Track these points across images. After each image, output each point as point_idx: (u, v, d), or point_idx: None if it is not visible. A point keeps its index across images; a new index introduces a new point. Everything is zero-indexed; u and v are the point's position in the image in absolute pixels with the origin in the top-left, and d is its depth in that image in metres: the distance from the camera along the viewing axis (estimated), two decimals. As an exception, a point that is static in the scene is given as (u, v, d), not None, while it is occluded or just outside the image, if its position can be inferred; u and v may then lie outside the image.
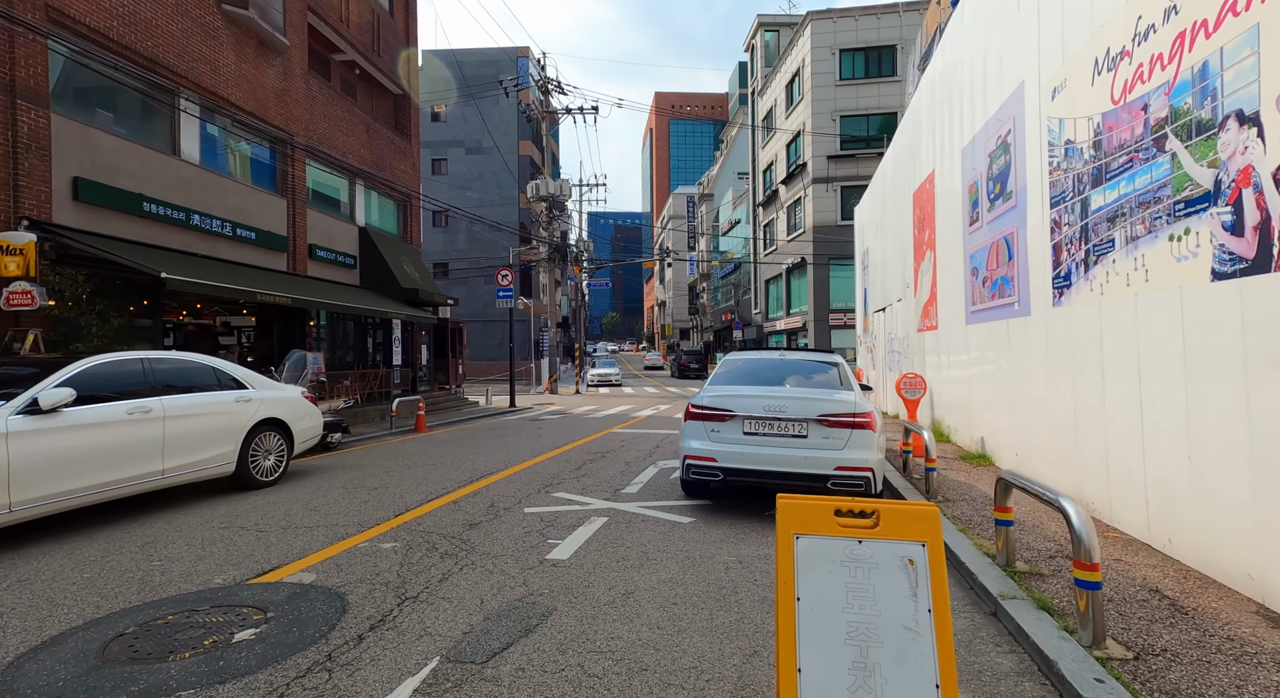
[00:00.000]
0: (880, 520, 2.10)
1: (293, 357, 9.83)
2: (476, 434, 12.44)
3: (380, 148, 18.38)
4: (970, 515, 5.35)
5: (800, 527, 2.13)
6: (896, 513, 2.10)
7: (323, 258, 15.63)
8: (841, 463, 5.26)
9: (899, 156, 13.38)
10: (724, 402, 5.67)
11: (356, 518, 5.60)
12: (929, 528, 2.06)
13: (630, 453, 9.52)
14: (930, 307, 10.84)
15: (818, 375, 6.25)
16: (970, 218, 8.35)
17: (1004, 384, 7.25)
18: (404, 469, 8.19)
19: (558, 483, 7.20)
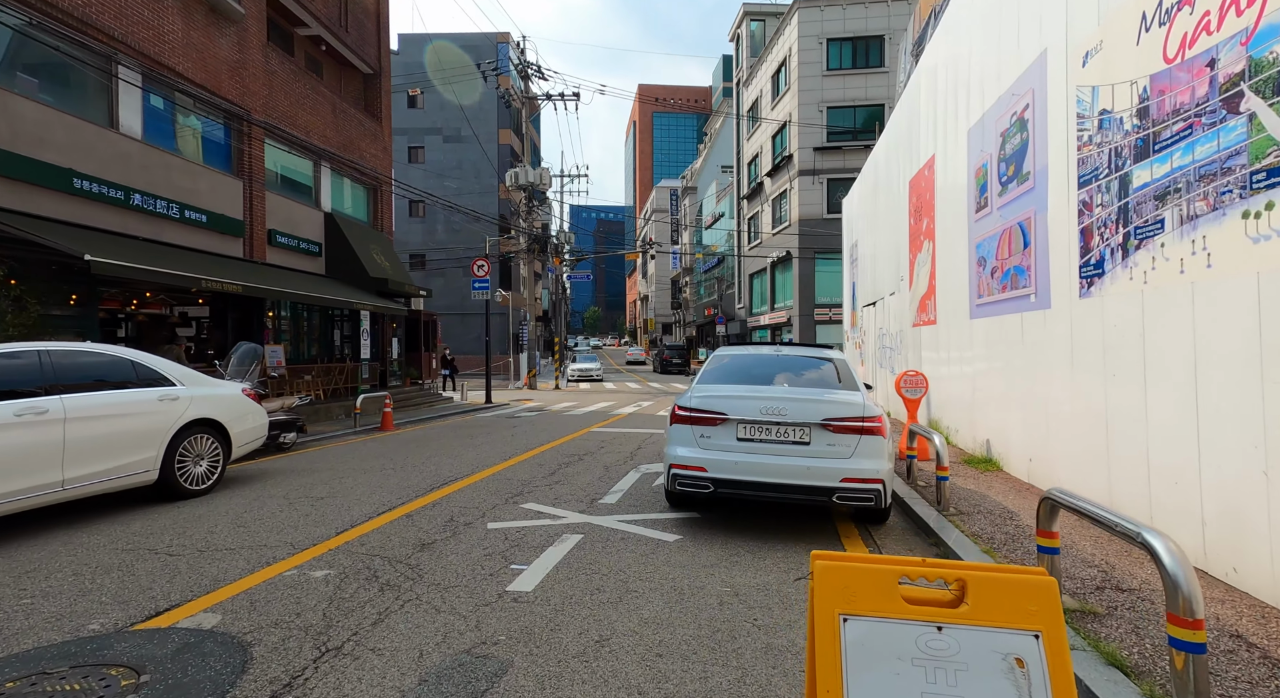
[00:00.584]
0: (968, 594, 1.43)
1: (240, 349, 8.97)
2: (446, 433, 11.65)
3: (348, 129, 17.39)
4: (991, 533, 4.74)
5: (848, 603, 1.45)
6: (991, 585, 1.43)
7: (284, 245, 14.66)
8: (849, 474, 4.61)
9: (893, 143, 12.80)
10: (715, 403, 4.99)
11: (291, 537, 4.83)
12: (1044, 607, 1.40)
13: (610, 455, 8.82)
14: (928, 300, 10.28)
15: (817, 373, 5.60)
16: (977, 204, 7.76)
17: (1016, 383, 6.67)
18: (359, 474, 7.40)
19: (528, 491, 6.48)
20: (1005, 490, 6.16)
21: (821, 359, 5.85)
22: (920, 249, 10.67)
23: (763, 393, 5.02)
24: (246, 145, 13.49)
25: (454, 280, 43.27)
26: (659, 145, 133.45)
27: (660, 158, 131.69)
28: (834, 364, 5.73)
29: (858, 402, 4.84)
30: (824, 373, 5.60)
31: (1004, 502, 5.72)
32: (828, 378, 5.50)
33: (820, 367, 5.71)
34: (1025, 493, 6.04)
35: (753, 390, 5.13)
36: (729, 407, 4.93)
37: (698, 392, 5.21)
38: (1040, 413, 6.11)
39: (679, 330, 68.81)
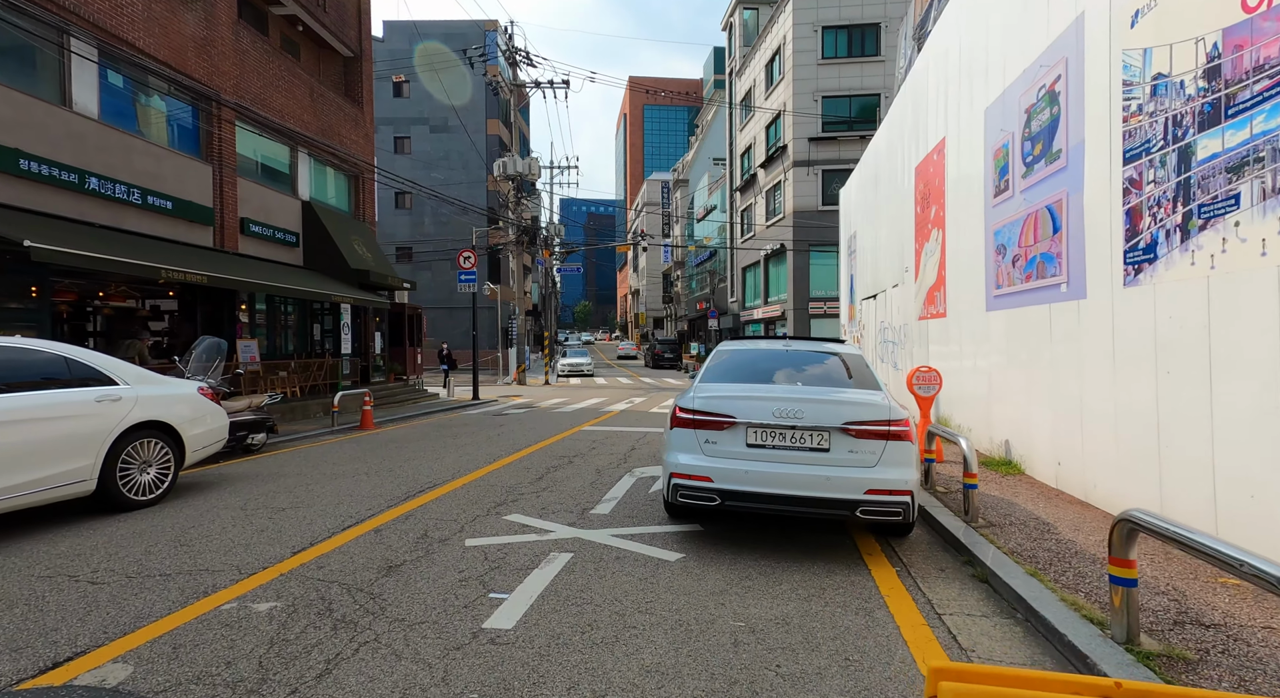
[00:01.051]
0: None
1: (201, 343, 8.31)
2: (429, 433, 11.04)
3: (327, 114, 16.63)
4: (1032, 550, 4.22)
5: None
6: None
7: (257, 234, 13.94)
8: (874, 485, 4.07)
9: (896, 129, 12.27)
10: (721, 405, 4.43)
11: (240, 558, 4.23)
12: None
13: (602, 457, 8.26)
14: (936, 292, 9.77)
15: (832, 370, 5.06)
16: (996, 188, 7.24)
17: (1042, 380, 6.17)
18: (329, 480, 6.79)
19: (513, 500, 5.91)
20: (1033, 497, 5.65)
21: (835, 354, 5.30)
22: (928, 238, 10.16)
23: (775, 393, 4.47)
24: (216, 128, 12.75)
25: (441, 273, 42.46)
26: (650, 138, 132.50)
27: (651, 151, 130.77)
28: (849, 360, 5.19)
29: (882, 403, 4.30)
30: (839, 370, 5.06)
31: (1035, 511, 5.21)
32: (843, 375, 4.96)
33: (834, 363, 5.17)
34: (1056, 501, 5.54)
35: (763, 390, 4.58)
36: (737, 409, 4.37)
37: (701, 391, 4.65)
38: (1072, 413, 5.60)
39: (670, 325, 68.29)
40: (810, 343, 5.63)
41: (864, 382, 4.84)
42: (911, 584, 3.89)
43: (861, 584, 3.86)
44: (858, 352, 5.41)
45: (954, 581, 3.94)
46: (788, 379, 4.92)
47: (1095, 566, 3.88)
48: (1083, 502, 5.44)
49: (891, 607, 3.52)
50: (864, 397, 4.41)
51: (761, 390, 4.58)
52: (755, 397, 4.43)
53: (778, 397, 4.38)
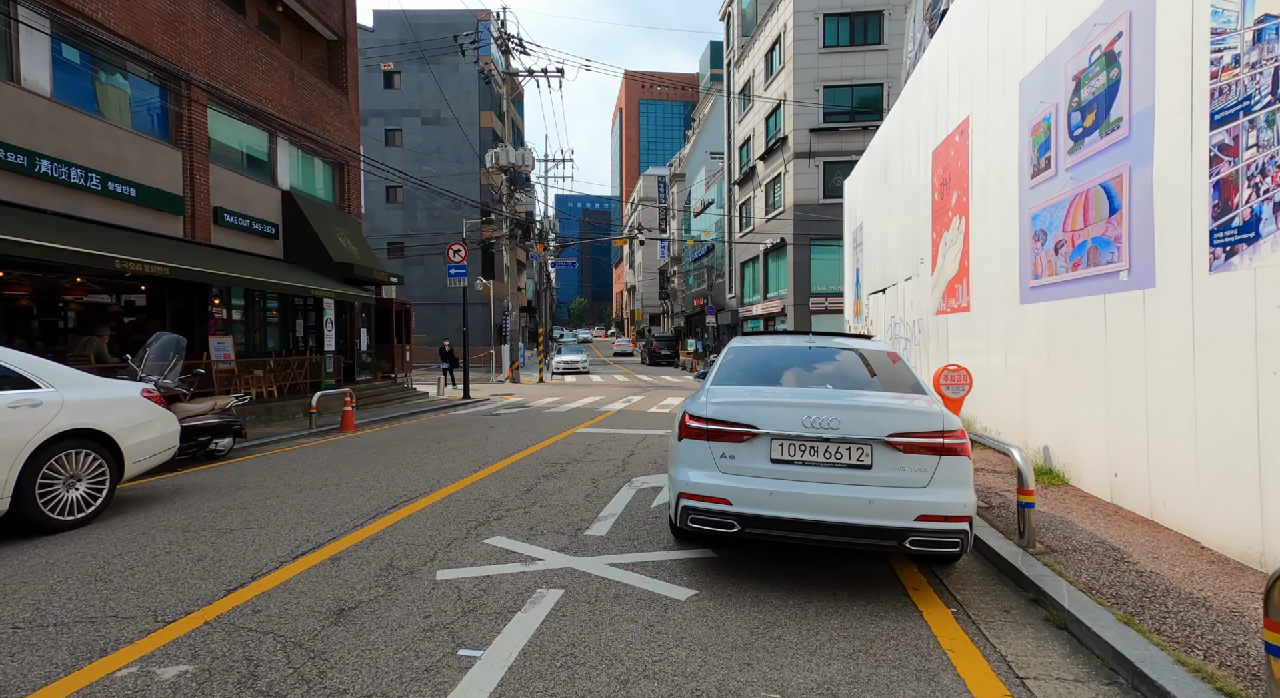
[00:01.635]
0: None
1: (158, 340, 7.55)
2: (413, 436, 10.31)
3: (309, 100, 15.83)
4: (1112, 585, 3.54)
5: None
6: None
7: (232, 224, 13.15)
8: (927, 509, 3.38)
9: (910, 113, 11.56)
10: (741, 412, 3.72)
11: (160, 599, 3.51)
12: None
13: (597, 464, 7.55)
14: (957, 284, 9.09)
15: (867, 371, 4.36)
16: (1033, 167, 6.54)
17: (1094, 379, 5.49)
18: (292, 494, 6.07)
19: (497, 518, 5.19)
20: (1088, 514, 4.97)
21: (868, 352, 4.60)
22: (948, 227, 9.47)
23: (805, 398, 3.76)
24: (186, 110, 11.95)
25: (434, 269, 41.59)
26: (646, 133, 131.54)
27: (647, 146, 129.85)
28: (885, 358, 4.49)
29: (933, 410, 3.60)
30: (874, 370, 4.36)
31: (1096, 531, 4.53)
32: (881, 377, 4.26)
33: (868, 361, 4.47)
34: (1116, 519, 4.86)
35: (790, 395, 3.88)
36: (761, 417, 3.67)
37: (716, 396, 3.94)
38: (1134, 418, 4.92)
39: (667, 321, 67.60)
40: (837, 339, 4.93)
41: (905, 384, 4.14)
42: (975, 632, 3.20)
43: (915, 632, 3.17)
44: (890, 349, 4.71)
45: (1026, 627, 3.25)
46: (815, 381, 4.22)
47: (1200, 610, 3.20)
48: (1149, 521, 4.76)
49: (959, 667, 2.83)
50: (910, 402, 3.71)
51: (787, 395, 3.88)
52: (781, 402, 3.72)
53: (808, 402, 3.67)
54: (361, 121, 41.92)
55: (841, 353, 4.57)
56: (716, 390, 4.08)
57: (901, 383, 4.15)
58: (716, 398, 3.89)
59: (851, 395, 3.84)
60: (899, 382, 4.17)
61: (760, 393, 3.96)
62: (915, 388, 4.08)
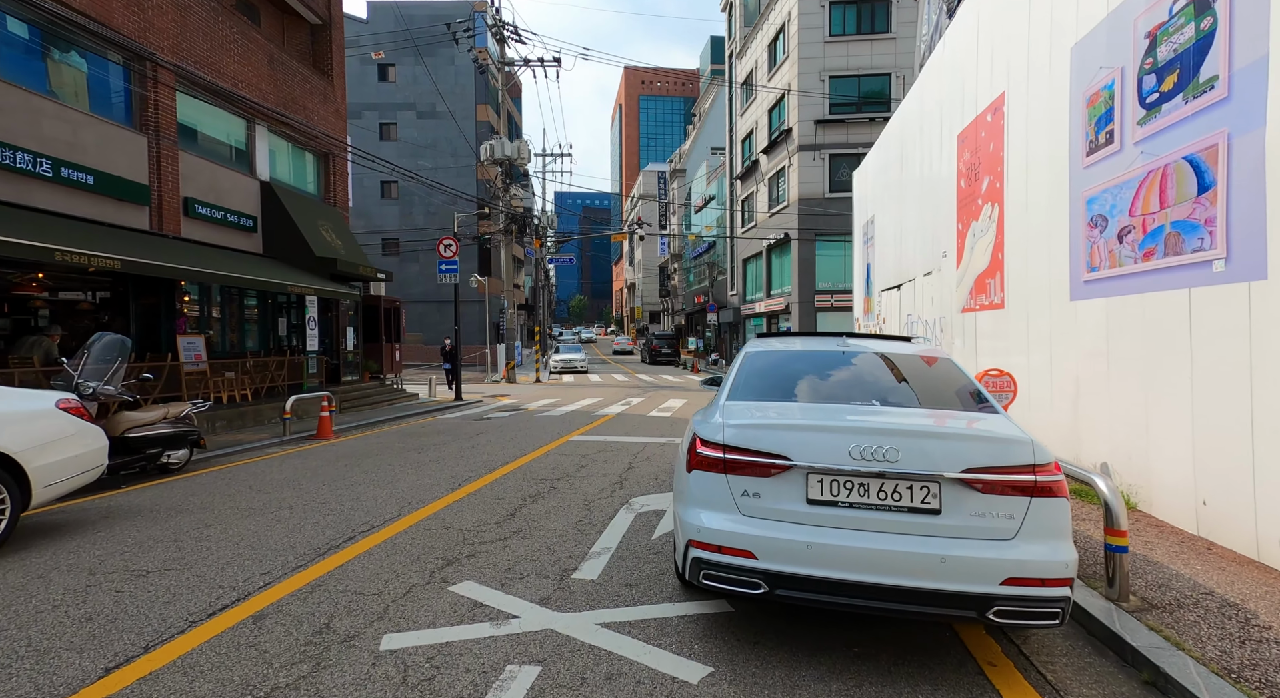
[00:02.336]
0: None
1: (99, 341, 6.74)
2: (393, 444, 9.49)
3: (290, 86, 14.98)
4: (1258, 666, 2.72)
5: None
6: None
7: (205, 216, 12.32)
8: (1016, 570, 2.56)
9: (931, 94, 10.73)
10: (768, 437, 2.91)
11: (13, 684, 2.70)
12: None
13: (592, 481, 6.74)
14: (988, 279, 8.27)
15: (921, 383, 3.54)
16: (1089, 143, 5.72)
17: (1176, 388, 4.67)
18: (236, 520, 5.25)
19: (469, 555, 4.38)
20: (1177, 552, 4.16)
21: (919, 359, 3.79)
22: (976, 216, 8.65)
23: (851, 420, 2.95)
24: (152, 93, 11.11)
25: (430, 266, 40.76)
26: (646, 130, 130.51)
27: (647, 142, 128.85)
28: (943, 366, 3.68)
29: (1018, 436, 2.79)
30: (931, 382, 3.54)
31: (1195, 576, 3.71)
32: (940, 389, 3.45)
33: (921, 371, 3.66)
34: (1211, 557, 4.05)
35: (830, 415, 3.07)
36: (794, 445, 2.85)
37: (734, 415, 3.12)
38: (1232, 435, 4.10)
39: (667, 319, 66.78)
40: (875, 342, 4.11)
41: (970, 399, 3.33)
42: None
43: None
44: (945, 354, 3.90)
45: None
46: (858, 396, 3.40)
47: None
48: (1256, 562, 3.95)
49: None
50: (988, 426, 2.90)
51: (827, 415, 3.06)
52: (820, 426, 2.90)
53: (855, 426, 2.86)
54: (355, 115, 41.21)
55: (885, 359, 3.76)
56: (734, 408, 3.26)
57: (965, 398, 3.34)
58: (736, 418, 3.07)
59: (909, 416, 3.03)
60: (962, 396, 3.36)
61: (790, 412, 3.15)
62: (983, 404, 3.27)
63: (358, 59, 41.77)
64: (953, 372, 3.63)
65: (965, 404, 3.26)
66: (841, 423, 2.90)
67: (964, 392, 3.40)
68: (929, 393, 3.41)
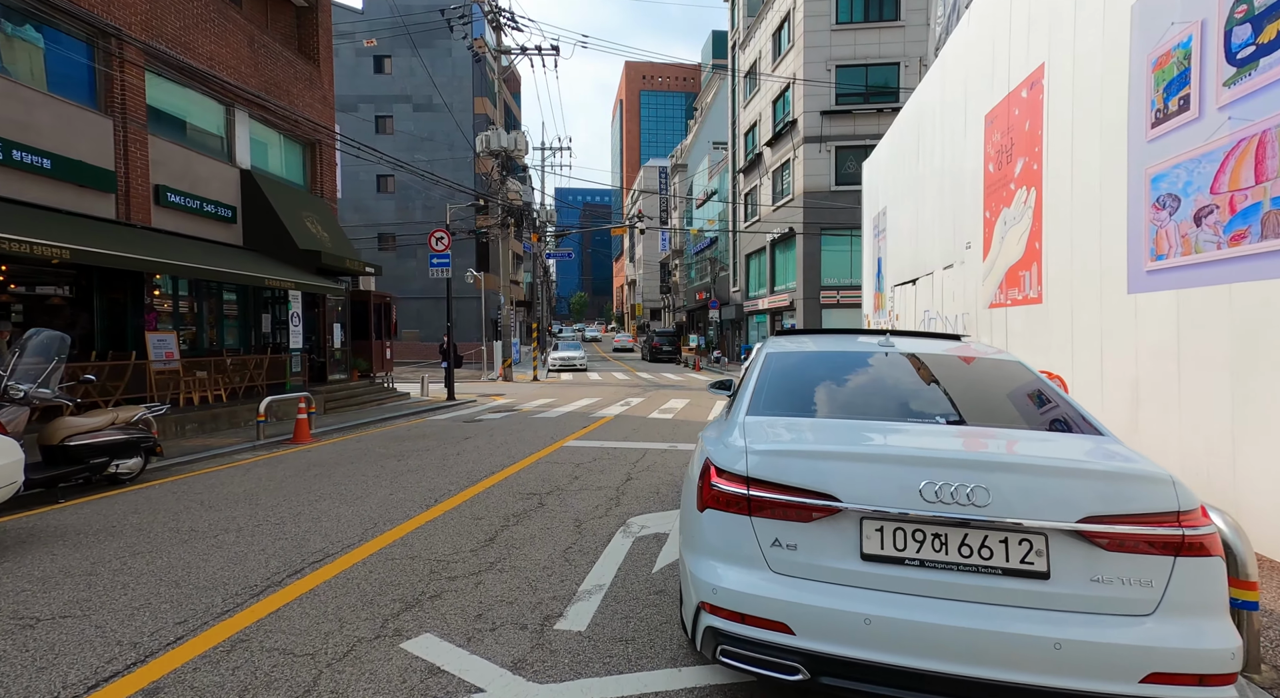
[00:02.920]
0: None
1: (34, 338, 6.02)
2: (373, 450, 8.78)
3: (272, 70, 14.23)
4: None
5: None
6: None
7: (178, 206, 11.59)
8: (1163, 663, 1.84)
9: (954, 74, 9.98)
10: (807, 469, 2.18)
11: None
12: None
13: (585, 495, 6.02)
14: (1022, 271, 7.54)
15: (994, 395, 2.82)
16: (1157, 113, 4.98)
17: (1272, 397, 3.94)
18: (171, 547, 4.54)
19: (435, 593, 3.66)
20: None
21: (987, 363, 3.07)
22: (1008, 203, 7.91)
23: (918, 446, 2.23)
24: (118, 72, 10.37)
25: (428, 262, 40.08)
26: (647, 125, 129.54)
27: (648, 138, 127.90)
28: (1018, 372, 2.96)
29: (1151, 470, 2.07)
30: (1006, 392, 2.82)
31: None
32: (1021, 403, 2.72)
33: (990, 378, 2.93)
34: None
35: (888, 437, 2.35)
36: (843, 478, 2.13)
37: (759, 435, 2.40)
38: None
39: (668, 316, 66.05)
40: (924, 340, 3.39)
41: (1060, 416, 2.60)
42: None
43: None
44: (1011, 356, 3.18)
45: None
46: (917, 411, 2.67)
47: None
48: (1394, 612, 3.22)
49: None
50: (1108, 456, 2.18)
51: (886, 438, 2.34)
52: (879, 453, 2.18)
53: (927, 454, 2.14)
54: (351, 107, 40.45)
55: (940, 363, 3.03)
56: (758, 426, 2.53)
57: (1055, 415, 2.61)
58: (761, 440, 2.35)
59: (994, 440, 2.31)
60: (1049, 413, 2.63)
61: (834, 433, 2.42)
62: (1083, 423, 2.54)
63: (353, 50, 41.03)
64: (1028, 379, 2.90)
65: (1058, 423, 2.54)
66: (907, 450, 2.17)
67: (1051, 406, 2.67)
68: (1005, 408, 2.69)
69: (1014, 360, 3.09)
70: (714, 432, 2.88)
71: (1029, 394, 2.75)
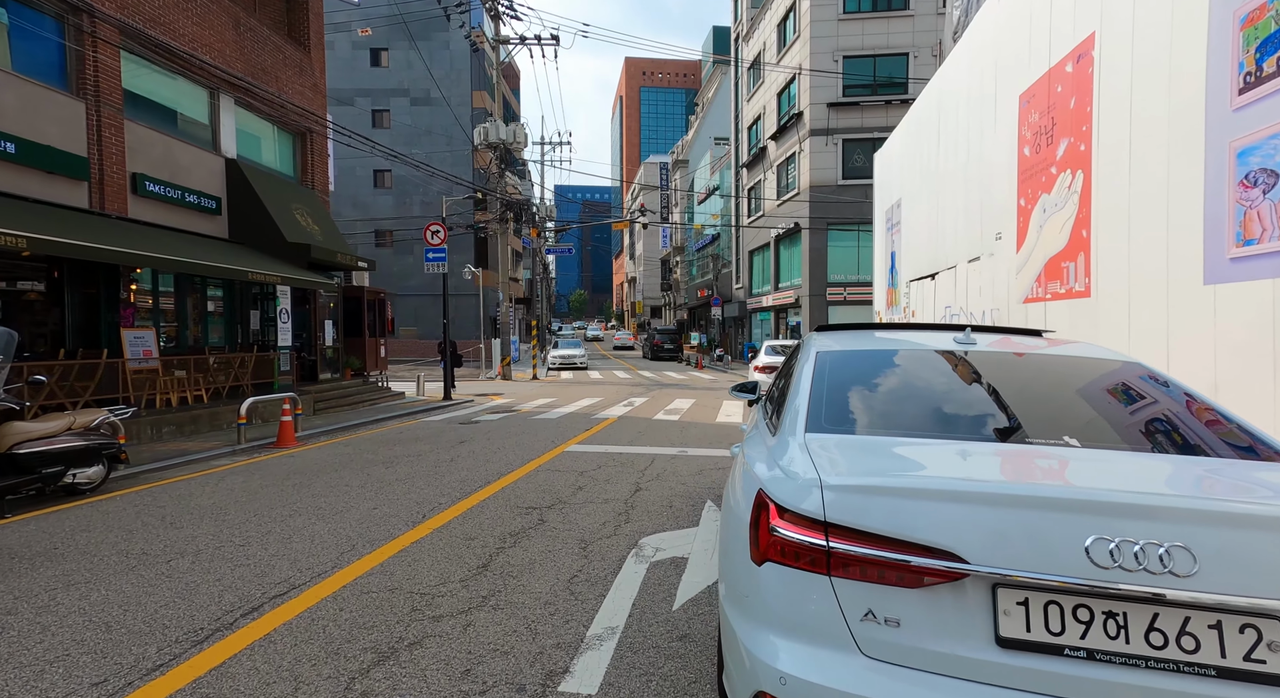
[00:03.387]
0: None
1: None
2: (360, 455, 8.17)
3: (260, 55, 13.59)
4: None
5: None
6: None
7: (158, 195, 10.96)
8: None
9: (983, 53, 9.35)
10: (915, 513, 1.57)
11: None
12: None
13: (590, 511, 5.41)
14: (1066, 262, 6.92)
15: (1132, 409, 2.21)
16: (1246, 77, 4.35)
17: None
18: (114, 575, 3.93)
19: (415, 639, 3.05)
20: None
21: (1100, 363, 2.46)
22: (1048, 188, 7.29)
23: (1088, 489, 1.61)
24: (90, 51, 9.73)
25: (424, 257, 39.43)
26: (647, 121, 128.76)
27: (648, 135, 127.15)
28: (1138, 373, 2.34)
29: None
30: (1145, 405, 2.21)
31: None
32: (1172, 419, 2.11)
33: (1117, 385, 2.32)
34: None
35: (1027, 468, 1.73)
36: (967, 527, 1.51)
37: (832, 459, 1.79)
38: None
39: (668, 314, 65.42)
40: (1013, 338, 2.78)
41: (1229, 436, 1.99)
42: None
43: None
44: (1125, 355, 2.56)
45: None
46: (1034, 429, 2.05)
47: None
48: None
49: None
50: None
51: (1019, 470, 1.73)
52: (1023, 496, 1.56)
53: (1094, 497, 1.52)
54: (348, 101, 39.78)
55: (1050, 367, 2.42)
56: (827, 446, 1.92)
57: (1234, 438, 1.99)
58: (840, 468, 1.73)
59: (1182, 474, 1.69)
60: (1225, 434, 2.01)
61: (941, 459, 1.81)
62: (1264, 445, 1.92)
63: (349, 43, 40.36)
64: (1170, 387, 2.29)
65: (1245, 449, 1.92)
66: (1064, 491, 1.56)
67: (1217, 423, 2.06)
68: (1156, 427, 2.07)
69: (1132, 362, 2.48)
70: (759, 449, 2.27)
71: (1182, 408, 2.14)
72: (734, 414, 12.51)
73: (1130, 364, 2.43)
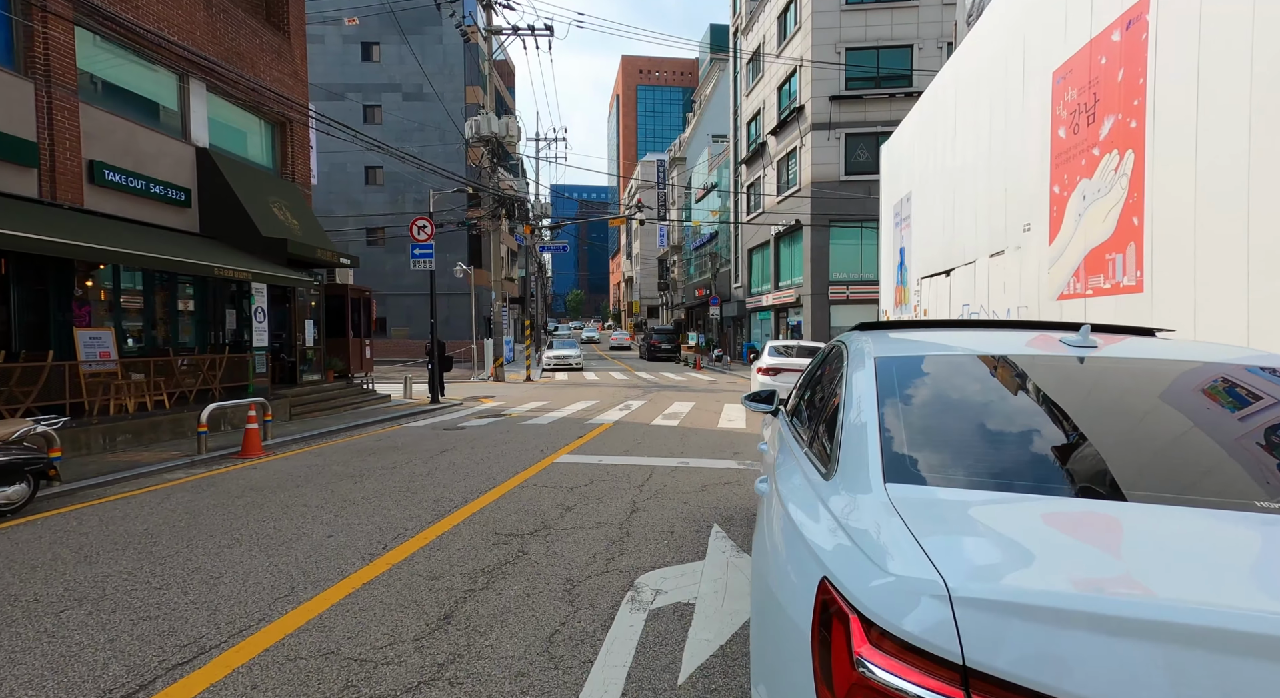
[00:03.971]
0: None
1: None
2: (329, 467, 7.42)
3: (234, 38, 12.82)
4: None
5: None
6: None
7: (118, 185, 10.19)
8: None
9: (1011, 28, 8.65)
10: (1130, 658, 0.84)
11: None
12: None
13: (579, 538, 4.67)
14: (1111, 254, 6.22)
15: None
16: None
17: None
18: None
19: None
20: None
21: (1262, 371, 1.74)
22: (1089, 173, 6.58)
23: None
24: (39, 25, 8.96)
25: (415, 256, 38.59)
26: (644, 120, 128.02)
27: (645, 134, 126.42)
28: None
29: None
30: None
31: None
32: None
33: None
34: None
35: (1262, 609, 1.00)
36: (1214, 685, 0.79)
37: (955, 543, 1.07)
38: None
39: (665, 313, 64.70)
40: (1137, 342, 2.07)
41: None
42: None
43: None
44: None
45: None
46: (1208, 476, 1.33)
47: None
48: None
49: None
50: None
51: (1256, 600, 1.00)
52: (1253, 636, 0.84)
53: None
54: (338, 96, 38.90)
55: (1185, 377, 1.70)
56: (933, 515, 1.19)
57: None
58: (978, 567, 1.00)
59: None
60: None
61: (1134, 543, 1.08)
62: None
63: (340, 37, 39.56)
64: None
65: None
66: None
67: None
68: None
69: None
70: (804, 495, 1.56)
71: None
72: (736, 419, 11.80)
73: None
